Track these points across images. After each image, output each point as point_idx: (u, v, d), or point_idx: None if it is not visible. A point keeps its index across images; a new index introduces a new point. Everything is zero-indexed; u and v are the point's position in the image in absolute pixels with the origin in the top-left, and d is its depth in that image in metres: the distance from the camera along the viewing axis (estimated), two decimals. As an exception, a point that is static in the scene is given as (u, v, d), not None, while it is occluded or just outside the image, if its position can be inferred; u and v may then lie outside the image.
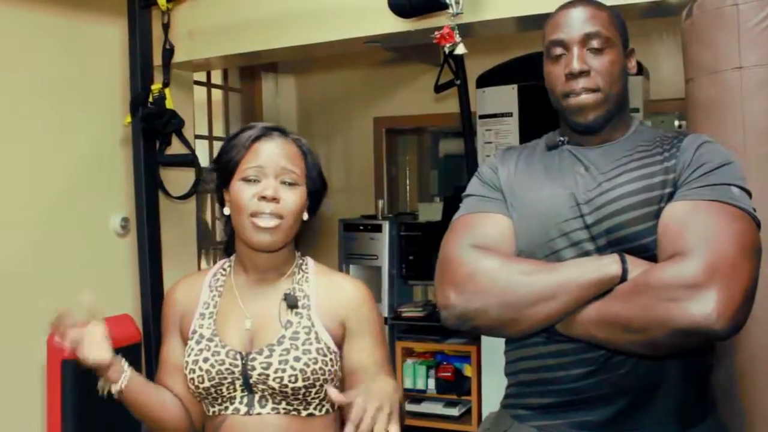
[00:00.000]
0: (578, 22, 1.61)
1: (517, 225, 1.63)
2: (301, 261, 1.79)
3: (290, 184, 1.69)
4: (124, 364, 1.69)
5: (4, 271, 2.77)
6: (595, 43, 1.59)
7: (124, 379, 1.68)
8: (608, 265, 1.47)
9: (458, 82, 4.01)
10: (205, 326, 1.71)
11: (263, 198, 1.64)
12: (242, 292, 1.74)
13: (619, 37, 1.64)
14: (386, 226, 5.08)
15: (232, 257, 1.81)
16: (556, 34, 1.63)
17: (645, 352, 1.47)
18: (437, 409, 4.85)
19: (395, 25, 2.62)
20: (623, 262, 1.47)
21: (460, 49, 2.35)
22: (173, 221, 3.32)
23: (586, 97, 1.59)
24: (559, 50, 1.62)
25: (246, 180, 1.67)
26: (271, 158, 1.68)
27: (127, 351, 1.88)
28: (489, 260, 1.57)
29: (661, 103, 4.53)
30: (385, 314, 5.03)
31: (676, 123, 4.94)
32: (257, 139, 1.69)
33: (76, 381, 2.50)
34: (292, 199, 1.68)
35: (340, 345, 1.70)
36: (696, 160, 1.54)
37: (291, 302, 1.68)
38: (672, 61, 4.65)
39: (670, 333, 1.39)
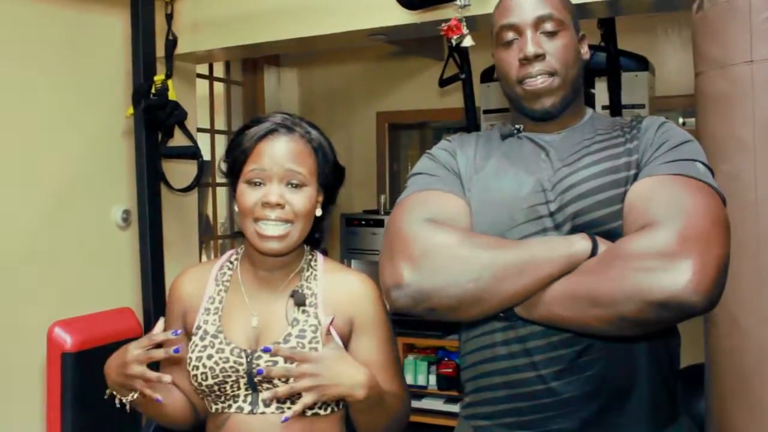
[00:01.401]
0: (529, 4, 1.56)
1: (476, 211, 1.54)
2: (310, 257, 1.76)
3: (297, 186, 1.63)
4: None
5: (4, 263, 2.75)
6: (548, 26, 1.55)
7: (134, 393, 1.61)
8: (577, 241, 1.41)
9: (463, 76, 4.00)
10: (210, 322, 1.68)
11: (267, 204, 1.60)
12: (249, 288, 1.71)
13: (572, 20, 1.60)
14: (388, 221, 5.06)
15: (240, 249, 1.78)
16: (507, 17, 1.57)
17: (613, 330, 1.38)
18: (438, 405, 4.84)
19: (401, 17, 2.60)
20: (593, 239, 1.41)
21: (468, 42, 2.32)
22: (175, 214, 3.30)
23: (542, 81, 1.54)
24: (510, 35, 1.57)
25: (249, 183, 1.62)
26: (274, 159, 1.62)
27: (126, 344, 1.86)
28: (446, 234, 1.46)
29: (666, 99, 4.51)
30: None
31: (681, 120, 4.92)
32: (262, 138, 1.63)
33: (76, 374, 2.48)
34: (300, 201, 1.63)
35: (346, 343, 1.68)
36: (658, 139, 1.51)
37: (299, 300, 1.65)
38: (677, 57, 4.63)
39: (642, 306, 1.30)
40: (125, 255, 3.19)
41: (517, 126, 1.63)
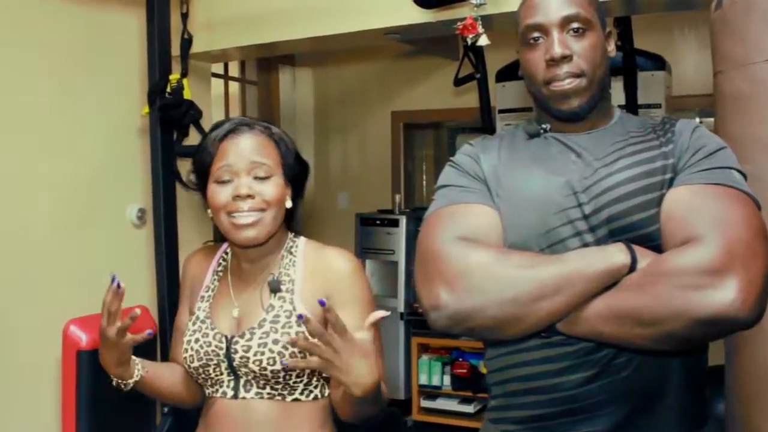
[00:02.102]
0: (555, 3, 1.51)
1: (506, 216, 1.51)
2: (291, 244, 1.80)
3: (263, 178, 1.69)
4: (136, 360, 1.73)
5: (21, 261, 2.77)
6: (575, 26, 1.50)
7: (138, 374, 1.72)
8: (615, 254, 1.37)
9: (478, 75, 4.00)
10: (202, 308, 1.78)
11: (238, 197, 1.66)
12: (234, 280, 1.79)
13: (598, 18, 1.55)
14: (403, 220, 5.06)
15: None
16: (533, 17, 1.53)
17: (658, 346, 1.36)
18: (452, 405, 4.84)
19: (416, 16, 2.59)
20: (631, 251, 1.37)
21: (483, 40, 2.31)
22: (190, 212, 3.30)
23: (570, 83, 1.50)
24: (536, 35, 1.52)
25: (219, 182, 1.68)
26: (239, 155, 1.68)
27: (142, 342, 1.88)
28: (481, 253, 1.43)
29: (684, 99, 4.49)
30: (401, 309, 5.01)
31: (698, 119, 4.88)
32: (224, 137, 1.70)
33: (92, 370, 2.49)
34: (268, 191, 1.69)
35: (326, 325, 1.67)
36: (693, 145, 1.47)
37: (273, 287, 1.70)
38: (694, 56, 4.60)
39: (689, 324, 1.29)
40: (140, 253, 3.19)
41: (543, 126, 1.59)
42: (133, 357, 1.71)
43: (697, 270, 1.30)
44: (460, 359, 4.84)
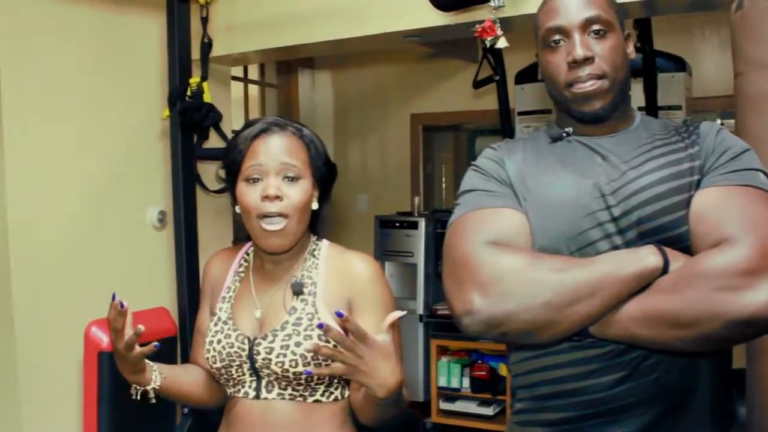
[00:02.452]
0: (576, 6, 1.52)
1: (534, 220, 1.50)
2: (314, 246, 1.80)
3: (292, 179, 1.70)
4: (153, 366, 1.74)
5: (43, 263, 2.79)
6: (596, 28, 1.51)
7: (156, 380, 1.73)
8: (647, 256, 1.38)
9: (497, 77, 4.00)
10: (224, 309, 1.78)
11: (266, 197, 1.66)
12: (256, 281, 1.80)
13: (618, 20, 1.56)
14: (422, 223, 5.07)
15: None
16: (553, 20, 1.54)
17: (693, 348, 1.36)
18: (471, 408, 4.84)
19: (435, 18, 2.59)
20: (662, 253, 1.38)
21: (502, 43, 2.31)
22: (210, 215, 3.32)
23: (592, 84, 1.50)
24: (557, 37, 1.53)
25: (248, 180, 1.69)
26: (270, 155, 1.69)
27: (162, 344, 1.89)
28: (513, 258, 1.43)
29: (704, 100, 4.46)
30: (420, 311, 5.02)
31: (718, 121, 4.85)
32: (256, 137, 1.71)
33: (113, 371, 2.50)
34: (296, 194, 1.69)
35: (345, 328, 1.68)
36: (718, 147, 1.48)
37: (296, 289, 1.71)
38: (714, 58, 4.57)
39: (726, 325, 1.30)
40: (161, 255, 3.21)
41: (566, 129, 1.59)
42: (151, 363, 1.73)
43: (731, 271, 1.31)
44: (480, 361, 4.84)
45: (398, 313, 1.46)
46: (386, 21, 2.76)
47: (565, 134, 1.59)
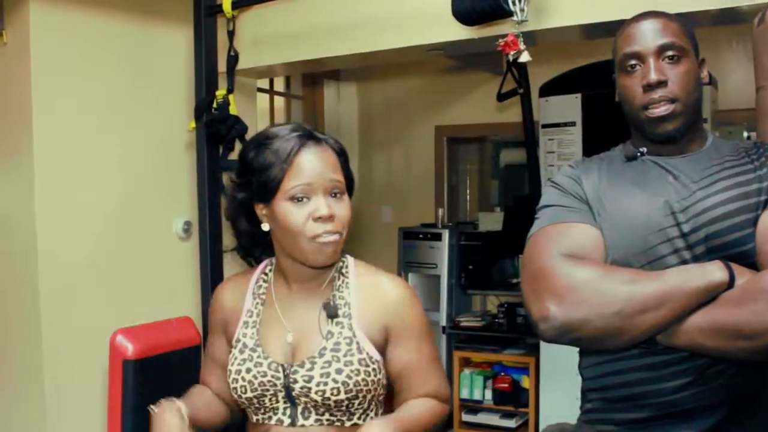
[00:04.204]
0: (652, 33, 1.61)
1: (608, 235, 1.59)
2: (341, 264, 1.74)
3: (339, 195, 1.64)
4: (183, 411, 1.68)
5: (70, 272, 2.83)
6: (669, 53, 1.59)
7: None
8: (714, 271, 1.46)
9: (521, 90, 4.00)
10: (248, 335, 1.71)
11: (320, 218, 1.60)
12: (282, 304, 1.72)
13: (692, 47, 1.64)
14: (446, 234, 5.07)
15: (273, 260, 1.79)
16: (631, 46, 1.62)
17: (756, 358, 1.44)
18: (494, 420, 4.82)
19: (459, 32, 2.60)
20: (729, 268, 1.45)
21: (525, 57, 2.32)
22: (234, 226, 3.35)
23: (665, 108, 1.58)
24: (634, 62, 1.62)
25: (293, 199, 1.60)
26: (315, 172, 1.61)
27: (187, 352, 1.91)
28: (587, 270, 1.52)
29: (730, 113, 4.43)
30: (443, 323, 5.02)
31: (745, 134, 4.82)
32: (297, 152, 1.61)
33: (137, 381, 2.53)
34: (343, 211, 1.65)
35: (383, 350, 1.68)
36: None
37: (331, 313, 1.65)
38: (741, 70, 4.54)
39: None
40: (186, 265, 3.24)
41: (640, 149, 1.67)
42: (181, 405, 1.68)
43: None
44: (502, 373, 4.82)
45: None
46: (411, 34, 2.78)
47: (639, 154, 1.67)
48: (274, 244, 1.71)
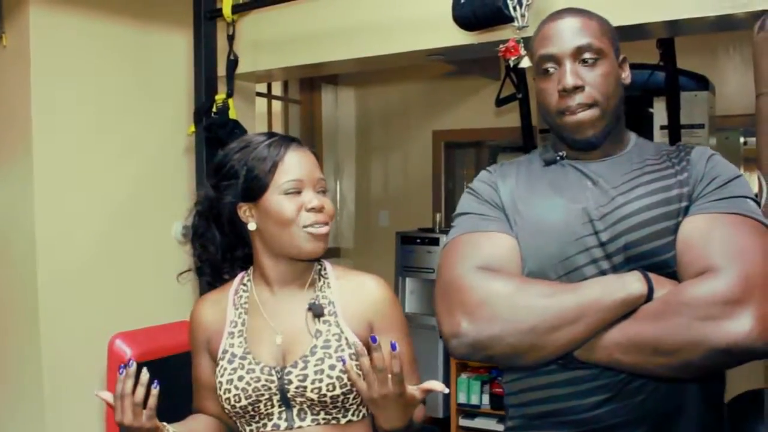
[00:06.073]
0: (568, 34, 1.53)
1: (524, 244, 1.53)
2: (319, 267, 1.80)
3: (324, 192, 1.73)
4: (168, 428, 1.68)
5: (69, 276, 2.83)
6: (587, 56, 1.51)
7: None
8: (632, 283, 1.39)
9: (520, 95, 4.00)
10: (236, 345, 1.72)
11: (312, 209, 1.67)
12: (267, 308, 1.75)
13: (612, 46, 1.55)
14: (443, 239, 5.06)
15: (249, 271, 1.82)
16: (546, 48, 1.55)
17: (675, 374, 1.38)
18: (491, 424, 4.81)
19: (459, 37, 2.61)
20: (647, 280, 1.39)
21: (525, 63, 2.32)
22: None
23: (582, 114, 1.51)
24: (550, 65, 1.54)
25: (286, 193, 1.68)
26: (305, 170, 1.70)
27: (185, 357, 1.90)
28: (501, 283, 1.46)
29: (727, 118, 4.45)
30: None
31: (741, 139, 4.84)
32: (285, 152, 1.71)
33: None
34: (330, 205, 1.73)
35: (368, 346, 1.70)
36: (708, 173, 1.48)
37: (317, 311, 1.69)
38: (737, 76, 4.56)
39: (706, 354, 1.31)
40: (184, 269, 3.24)
41: (559, 153, 1.61)
42: (165, 425, 1.68)
43: (713, 301, 1.31)
44: (499, 378, 4.82)
45: (440, 387, 1.48)
46: (410, 39, 2.78)
47: (558, 158, 1.61)
48: (256, 246, 1.75)
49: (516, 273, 1.51)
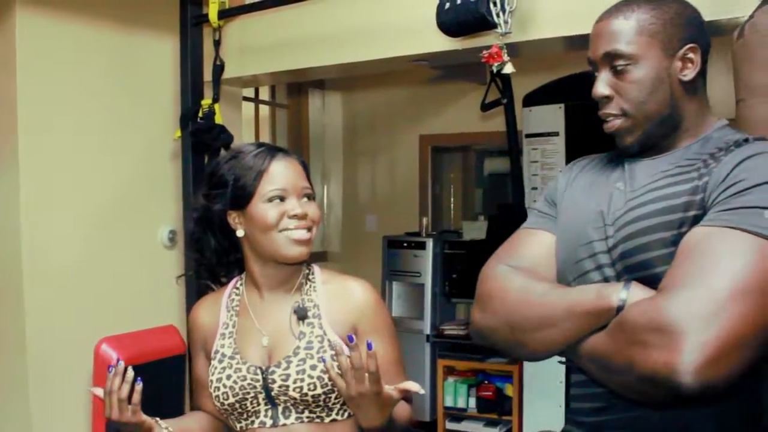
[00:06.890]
0: (601, 38, 1.44)
1: (557, 245, 1.54)
2: (307, 271, 1.84)
3: (309, 198, 1.77)
4: (162, 423, 1.74)
5: (55, 280, 2.83)
6: (616, 63, 1.42)
7: None
8: (608, 295, 1.31)
9: (505, 100, 4.00)
10: (226, 345, 1.79)
11: (294, 216, 1.72)
12: (256, 311, 1.81)
13: (651, 45, 1.40)
14: (430, 243, 5.10)
15: (243, 275, 1.88)
16: (589, 50, 1.48)
17: (626, 394, 1.32)
18: (478, 428, 4.83)
19: (443, 43, 2.63)
20: (626, 292, 1.30)
21: (508, 69, 2.35)
22: (219, 234, 3.36)
23: (613, 124, 1.44)
24: (593, 69, 1.48)
25: (270, 201, 1.72)
26: (290, 179, 1.74)
27: (171, 361, 1.92)
28: (512, 280, 1.48)
29: (711, 124, 4.48)
30: (427, 332, 5.04)
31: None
32: (270, 161, 1.75)
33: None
34: (314, 211, 1.76)
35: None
36: (731, 178, 1.30)
37: (301, 314, 1.74)
38: (721, 82, 4.58)
39: (633, 379, 1.24)
40: (171, 274, 3.22)
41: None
42: (159, 420, 1.73)
43: (648, 325, 1.22)
44: (486, 382, 4.84)
45: (416, 387, 1.55)
46: (395, 45, 2.80)
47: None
48: (245, 252, 1.80)
49: (542, 272, 1.51)
